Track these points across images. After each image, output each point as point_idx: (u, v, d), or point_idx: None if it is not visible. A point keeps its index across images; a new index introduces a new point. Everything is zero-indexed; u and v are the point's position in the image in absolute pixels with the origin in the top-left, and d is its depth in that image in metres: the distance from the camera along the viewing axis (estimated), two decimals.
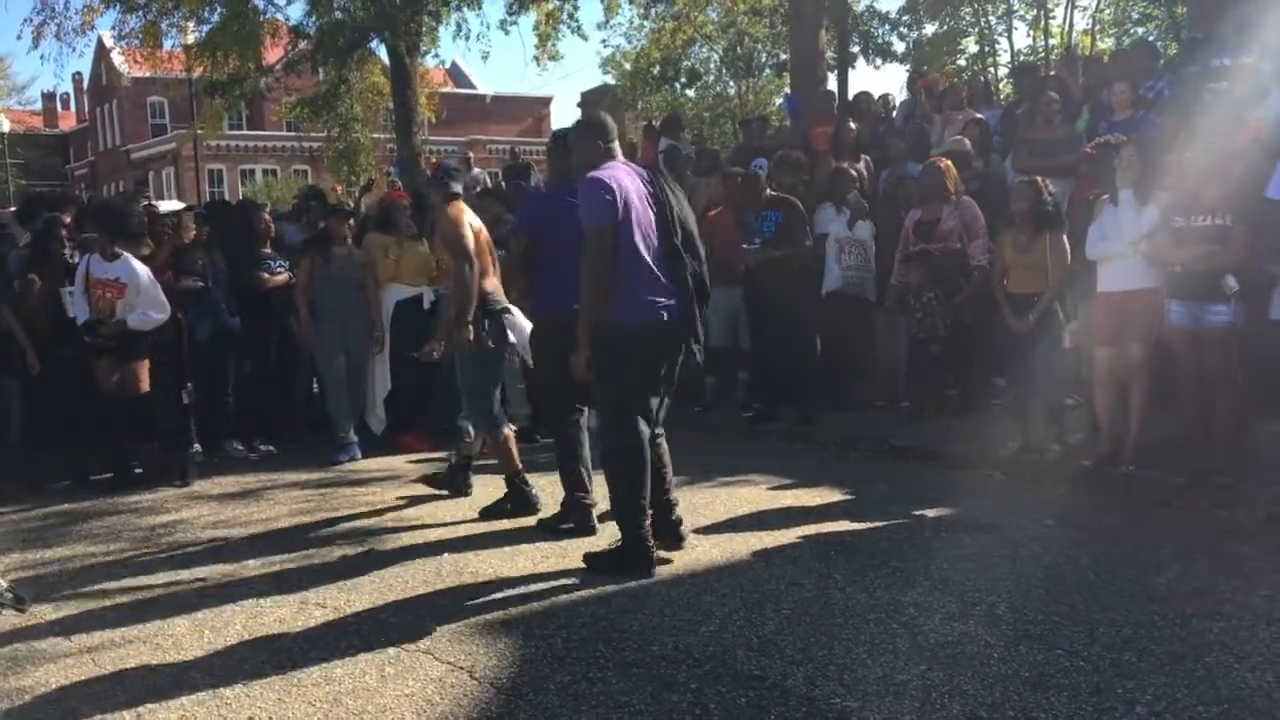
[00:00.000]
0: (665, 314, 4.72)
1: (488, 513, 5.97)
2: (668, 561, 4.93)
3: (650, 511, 4.86)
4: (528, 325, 5.81)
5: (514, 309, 6.03)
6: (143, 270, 6.98)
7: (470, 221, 5.97)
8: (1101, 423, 6.21)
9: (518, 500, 6.00)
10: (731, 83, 29.77)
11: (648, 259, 4.69)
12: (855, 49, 22.73)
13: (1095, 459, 6.17)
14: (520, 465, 6.07)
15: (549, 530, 5.57)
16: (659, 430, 5.13)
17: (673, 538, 5.12)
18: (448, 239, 5.88)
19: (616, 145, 5.00)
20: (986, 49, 28.23)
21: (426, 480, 6.60)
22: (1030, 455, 6.61)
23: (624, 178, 4.72)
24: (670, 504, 5.17)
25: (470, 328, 5.79)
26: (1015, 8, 27.35)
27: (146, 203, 10.12)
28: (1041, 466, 6.46)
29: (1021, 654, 3.72)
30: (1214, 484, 5.67)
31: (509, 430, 6.12)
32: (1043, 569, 4.69)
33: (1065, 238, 6.53)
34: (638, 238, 4.66)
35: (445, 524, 5.88)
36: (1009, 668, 3.61)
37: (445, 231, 5.91)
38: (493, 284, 6.03)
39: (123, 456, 7.18)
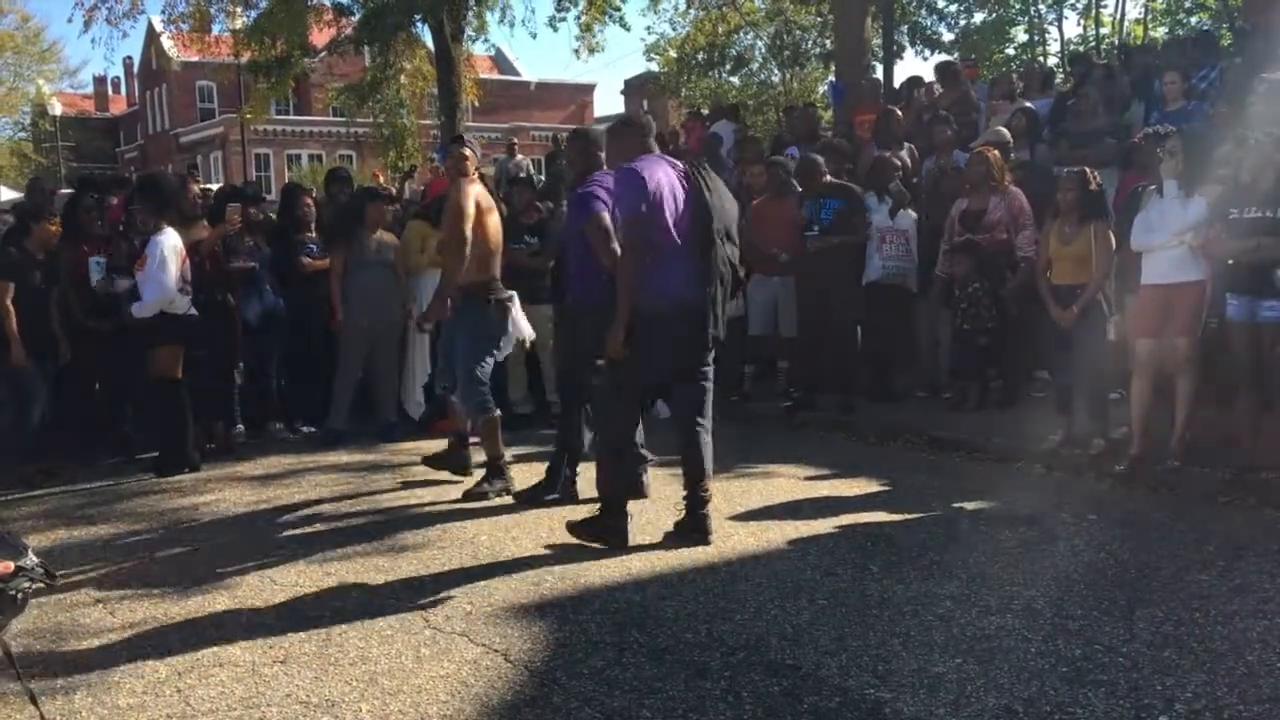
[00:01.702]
0: (688, 298, 4.90)
1: (524, 497, 6.01)
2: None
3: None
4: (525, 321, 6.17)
5: (516, 298, 6.19)
6: (164, 247, 6.84)
7: (479, 199, 6.06)
8: (1135, 415, 6.11)
9: (496, 477, 6.12)
10: (776, 71, 29.60)
11: (677, 245, 4.87)
12: (903, 39, 22.54)
13: (1131, 455, 6.08)
14: (503, 449, 6.20)
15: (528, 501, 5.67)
16: (702, 421, 5.19)
17: (699, 533, 5.10)
18: (452, 209, 6.02)
19: (652, 139, 5.25)
20: (1036, 38, 27.87)
21: (429, 462, 6.60)
22: (1073, 449, 6.53)
23: (657, 170, 4.92)
24: (701, 499, 5.14)
25: (448, 302, 5.98)
26: None
27: (200, 185, 10.21)
28: (1084, 460, 6.38)
29: (1059, 649, 3.68)
30: (1262, 480, 5.58)
31: (496, 414, 6.19)
32: (1083, 564, 4.64)
33: (1110, 229, 6.44)
34: (668, 226, 4.85)
35: (482, 508, 5.91)
36: (1046, 662, 3.58)
37: (453, 201, 6.05)
38: (496, 269, 6.16)
39: (172, 436, 7.24)
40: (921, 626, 3.94)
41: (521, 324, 6.23)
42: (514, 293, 6.24)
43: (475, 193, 6.06)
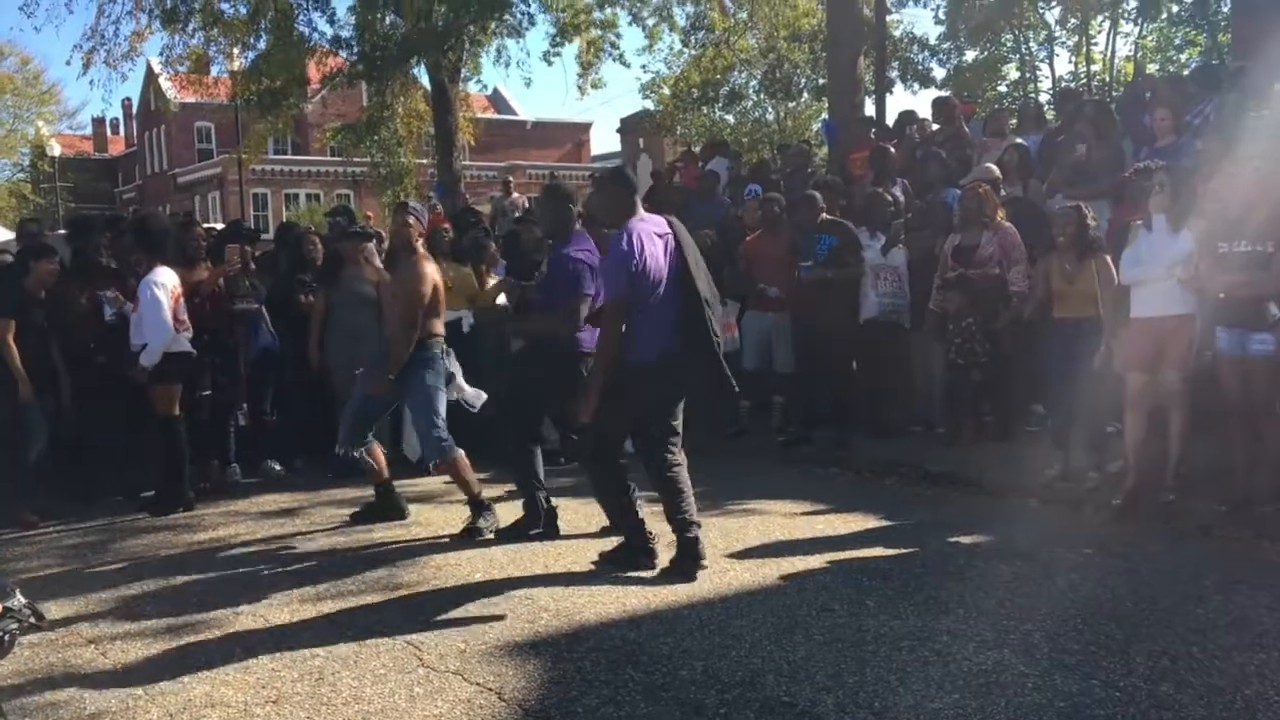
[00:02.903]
0: (672, 351, 5.11)
1: (506, 533, 6.01)
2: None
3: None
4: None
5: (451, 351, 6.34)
6: (154, 287, 6.84)
7: (434, 276, 6.19)
8: (1129, 449, 6.12)
9: (480, 515, 6.13)
10: (770, 108, 29.79)
11: (661, 305, 5.11)
12: (894, 74, 22.73)
13: (1126, 488, 6.08)
14: (479, 488, 6.21)
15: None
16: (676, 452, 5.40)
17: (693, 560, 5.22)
18: (409, 293, 6.10)
19: (639, 198, 5.50)
20: (1028, 75, 28.09)
21: (359, 518, 6.58)
22: (1068, 483, 6.53)
23: (646, 241, 5.10)
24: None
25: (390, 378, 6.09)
26: (1057, 34, 27.22)
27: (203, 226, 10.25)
28: (1080, 494, 6.38)
29: (1056, 684, 3.67)
30: (1258, 514, 5.58)
31: (459, 454, 6.17)
32: (1079, 598, 4.63)
33: (1110, 261, 6.47)
34: (654, 288, 5.09)
35: (477, 546, 5.88)
36: (1043, 697, 3.56)
37: (408, 283, 6.13)
38: (440, 324, 6.26)
39: (168, 475, 7.23)
40: (918, 662, 3.93)
41: (461, 384, 6.35)
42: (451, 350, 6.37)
43: (430, 273, 6.16)
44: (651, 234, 5.16)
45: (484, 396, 6.60)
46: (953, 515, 6.28)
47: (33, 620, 1.74)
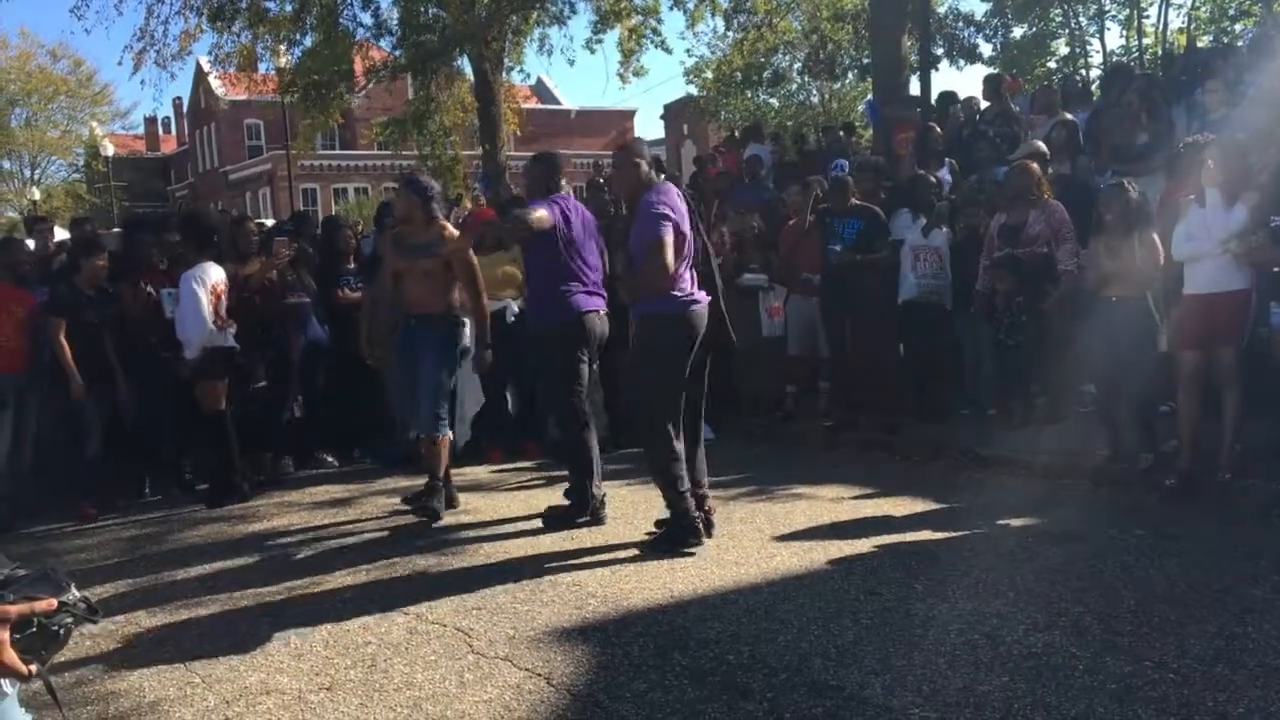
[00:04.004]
0: (695, 306, 5.42)
1: (555, 522, 6.02)
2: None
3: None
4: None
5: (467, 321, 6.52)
6: (193, 282, 6.96)
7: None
8: (1183, 428, 6.02)
9: (435, 497, 6.21)
10: (814, 91, 29.60)
11: (687, 260, 5.44)
12: (939, 51, 22.46)
13: (1180, 468, 5.98)
14: (444, 473, 6.36)
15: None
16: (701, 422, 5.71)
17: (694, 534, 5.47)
18: (463, 263, 6.31)
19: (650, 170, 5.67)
20: (1078, 50, 27.66)
21: (407, 500, 6.56)
22: (1120, 464, 6.44)
23: (675, 200, 5.44)
24: (703, 497, 5.65)
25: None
26: (1107, 8, 26.75)
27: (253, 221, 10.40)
28: (1133, 475, 6.29)
29: (1108, 666, 3.63)
30: None
31: (448, 435, 6.34)
32: (1131, 580, 4.57)
33: (1157, 237, 6.35)
34: (684, 243, 5.40)
35: (525, 533, 5.93)
36: (1095, 680, 3.53)
37: (459, 254, 6.28)
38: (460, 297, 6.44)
39: (221, 467, 7.35)
40: (968, 645, 3.90)
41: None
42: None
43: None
44: (676, 195, 5.48)
45: (479, 400, 6.83)
46: (1002, 498, 6.22)
47: (87, 614, 1.78)
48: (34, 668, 1.67)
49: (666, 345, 5.42)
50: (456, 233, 6.35)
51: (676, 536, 5.43)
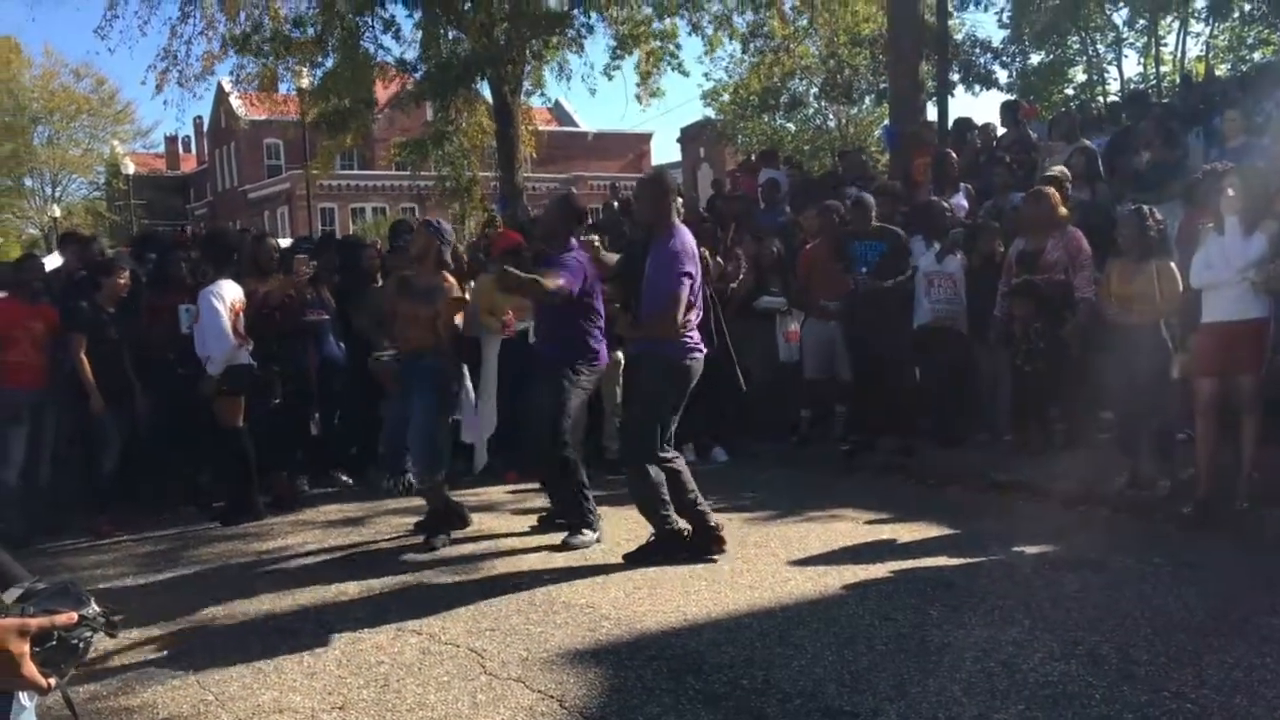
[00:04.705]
0: (696, 355, 5.59)
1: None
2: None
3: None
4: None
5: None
6: (211, 298, 7.02)
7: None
8: (1201, 456, 5.99)
9: (436, 535, 6.23)
10: (831, 115, 29.67)
11: (697, 309, 5.57)
12: (956, 77, 22.50)
13: (1197, 496, 5.95)
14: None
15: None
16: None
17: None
18: (453, 322, 6.32)
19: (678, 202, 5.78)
20: (1095, 77, 27.68)
21: (420, 526, 6.58)
22: (1138, 491, 6.41)
23: (693, 248, 5.56)
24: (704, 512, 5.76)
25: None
26: (1125, 35, 26.78)
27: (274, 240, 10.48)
28: (1150, 503, 6.26)
29: (1125, 695, 3.60)
30: None
31: (442, 475, 6.36)
32: (1149, 608, 4.54)
33: (1174, 265, 6.34)
34: (697, 289, 5.56)
35: (540, 553, 5.93)
36: (1112, 710, 3.50)
37: (454, 312, 6.33)
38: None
39: (238, 485, 7.38)
40: (983, 673, 3.87)
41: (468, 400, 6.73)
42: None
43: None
44: (693, 241, 5.58)
45: (493, 424, 7.05)
46: (1019, 524, 6.19)
47: (106, 628, 1.79)
48: (53, 681, 1.68)
49: (660, 387, 5.59)
50: (456, 285, 6.34)
51: (665, 551, 5.61)
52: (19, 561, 2.12)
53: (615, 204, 11.77)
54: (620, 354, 7.63)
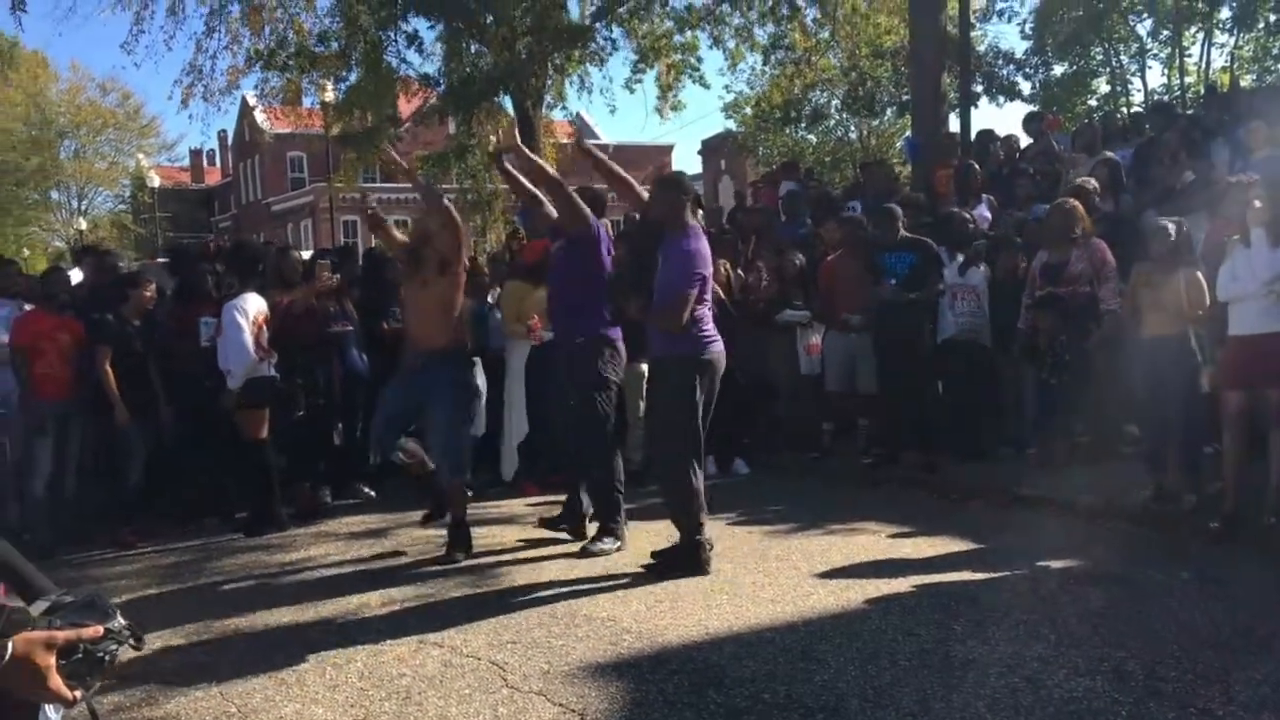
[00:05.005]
0: (713, 345, 5.65)
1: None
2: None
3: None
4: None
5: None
6: (235, 310, 7.07)
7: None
8: (1228, 470, 5.93)
9: (458, 547, 6.21)
10: (852, 127, 29.64)
11: (710, 305, 5.67)
12: (979, 88, 22.44)
13: (1224, 511, 5.89)
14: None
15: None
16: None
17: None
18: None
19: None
20: (1119, 89, 27.54)
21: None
22: (1164, 505, 6.35)
23: (706, 248, 5.66)
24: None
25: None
26: (1149, 46, 26.63)
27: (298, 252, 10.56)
28: (1176, 517, 6.20)
29: (1151, 712, 3.56)
30: None
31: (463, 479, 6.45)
32: (1175, 624, 4.49)
33: (1202, 276, 6.29)
34: (708, 291, 5.65)
35: (560, 566, 5.93)
36: None
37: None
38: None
39: (261, 497, 7.41)
40: (1008, 689, 3.84)
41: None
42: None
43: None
44: (705, 241, 5.66)
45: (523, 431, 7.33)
46: (1044, 538, 6.14)
47: (131, 641, 1.80)
48: (79, 693, 1.69)
49: (685, 387, 5.58)
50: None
51: (685, 563, 5.57)
52: (44, 572, 2.14)
53: (637, 215, 11.73)
54: (644, 366, 7.62)
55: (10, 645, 1.63)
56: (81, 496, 7.36)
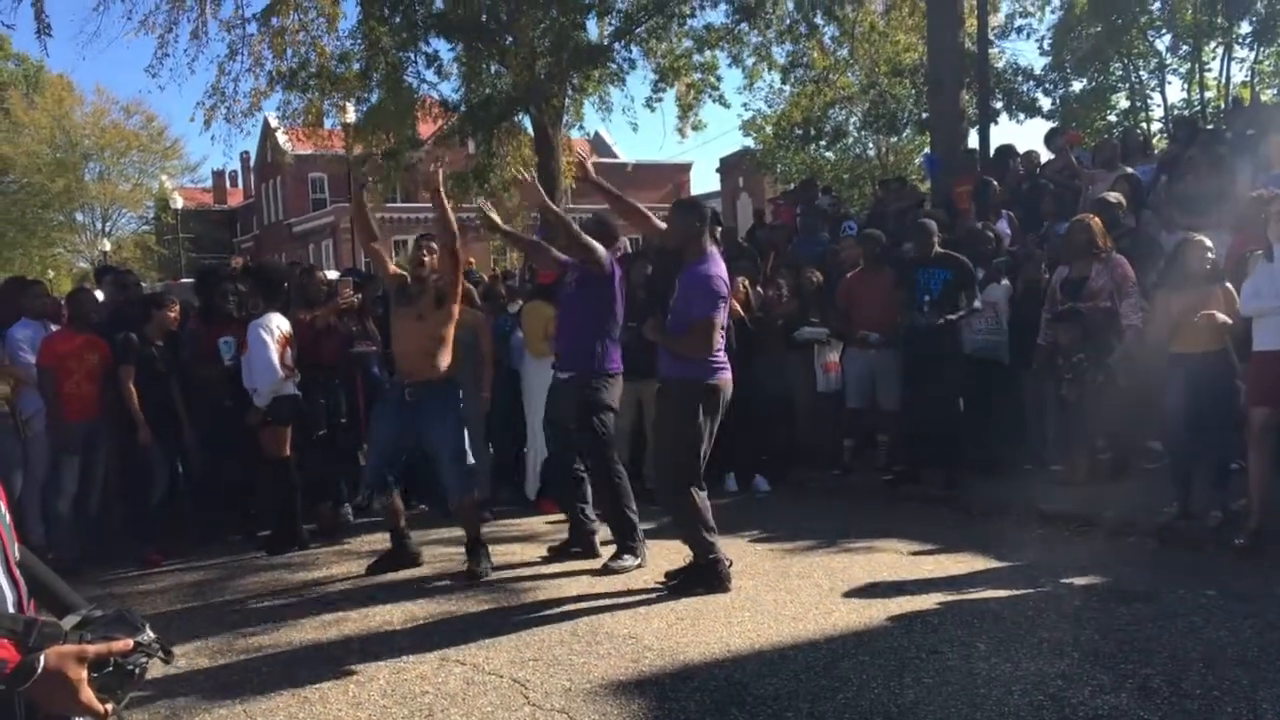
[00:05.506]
0: (724, 373, 5.68)
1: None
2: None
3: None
4: None
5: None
6: (260, 329, 7.13)
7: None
8: (1253, 486, 5.89)
9: (479, 561, 6.25)
10: (871, 144, 29.62)
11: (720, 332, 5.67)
12: (998, 105, 22.42)
13: (1250, 527, 5.84)
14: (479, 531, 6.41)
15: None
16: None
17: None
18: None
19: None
20: (1138, 104, 27.44)
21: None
22: (1189, 522, 6.30)
23: (725, 273, 5.70)
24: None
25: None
26: (1168, 61, 26.53)
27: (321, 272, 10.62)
28: (1201, 534, 6.16)
29: None
30: None
31: (474, 495, 6.46)
32: (1201, 641, 4.46)
33: (1233, 291, 6.24)
34: (725, 318, 5.69)
35: (581, 583, 5.93)
36: None
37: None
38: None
39: (284, 515, 7.44)
40: (1031, 706, 3.82)
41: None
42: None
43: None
44: (723, 266, 5.71)
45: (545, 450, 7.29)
46: (1067, 555, 6.11)
47: (161, 655, 1.82)
48: (109, 707, 1.71)
49: (692, 411, 5.60)
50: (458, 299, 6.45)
51: (705, 581, 5.61)
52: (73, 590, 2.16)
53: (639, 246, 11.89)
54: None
55: (43, 659, 1.65)
56: (106, 515, 7.41)
